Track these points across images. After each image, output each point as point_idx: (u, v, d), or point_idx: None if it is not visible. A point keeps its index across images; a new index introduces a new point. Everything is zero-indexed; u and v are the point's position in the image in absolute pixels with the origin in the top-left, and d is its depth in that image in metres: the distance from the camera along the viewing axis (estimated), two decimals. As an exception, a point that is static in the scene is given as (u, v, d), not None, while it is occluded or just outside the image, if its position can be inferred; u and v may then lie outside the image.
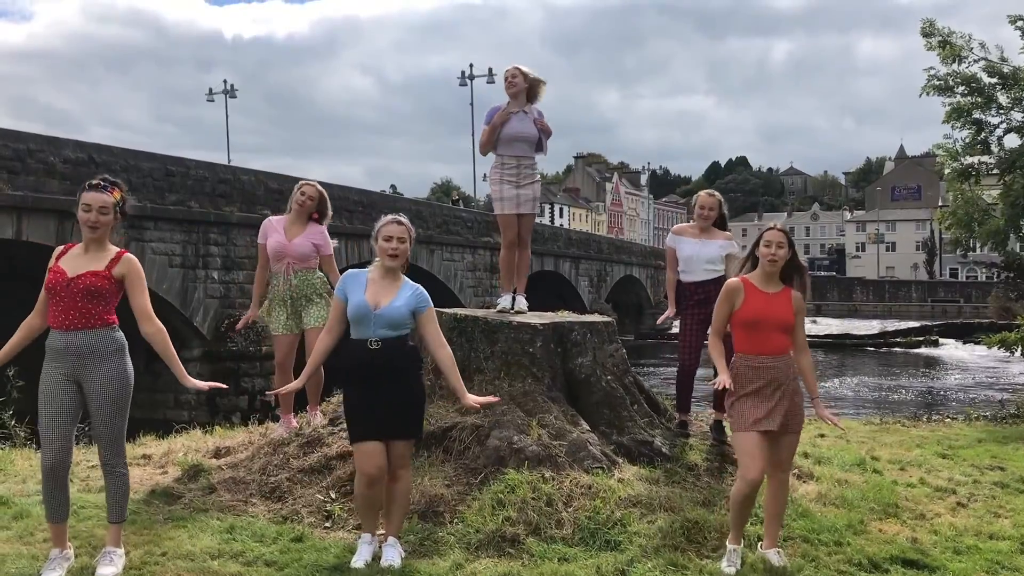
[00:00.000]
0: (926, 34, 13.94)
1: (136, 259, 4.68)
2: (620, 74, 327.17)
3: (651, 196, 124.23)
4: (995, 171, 13.67)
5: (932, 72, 13.94)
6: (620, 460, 6.09)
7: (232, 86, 50.56)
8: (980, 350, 45.21)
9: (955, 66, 13.67)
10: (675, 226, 7.07)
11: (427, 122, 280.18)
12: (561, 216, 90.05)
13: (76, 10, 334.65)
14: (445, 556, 4.92)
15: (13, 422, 8.97)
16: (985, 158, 13.81)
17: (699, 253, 6.68)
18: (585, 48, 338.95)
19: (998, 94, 13.27)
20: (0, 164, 18.68)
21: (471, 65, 45.17)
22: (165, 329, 4.63)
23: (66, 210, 19.76)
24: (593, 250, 51.71)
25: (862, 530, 5.59)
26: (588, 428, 6.23)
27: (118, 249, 4.65)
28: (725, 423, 6.95)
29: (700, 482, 6.15)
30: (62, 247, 4.67)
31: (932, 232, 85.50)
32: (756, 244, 5.08)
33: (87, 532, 5.10)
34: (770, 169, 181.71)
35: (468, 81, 44.53)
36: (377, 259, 4.91)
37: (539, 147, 7.10)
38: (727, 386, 4.88)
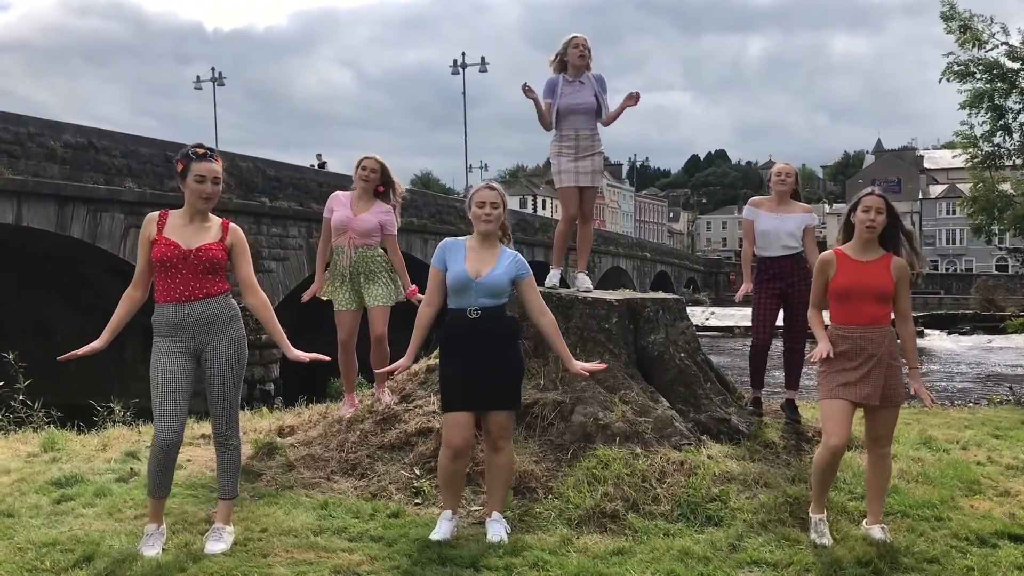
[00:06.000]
0: (946, 18, 13.84)
1: (240, 229, 4.52)
2: (598, 70, 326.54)
3: (633, 189, 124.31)
4: (1016, 159, 13.66)
5: (952, 58, 13.91)
6: (703, 437, 5.99)
7: (220, 74, 49.97)
8: (965, 340, 45.76)
9: (975, 51, 13.63)
10: (752, 198, 6.89)
11: (406, 116, 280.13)
12: (544, 208, 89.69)
13: (54, 2, 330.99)
14: (550, 532, 4.81)
15: (37, 404, 8.74)
16: (1007, 144, 13.80)
17: (778, 228, 6.53)
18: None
19: (1021, 79, 13.24)
20: (0, 148, 18.28)
21: (463, 54, 44.99)
22: (269, 302, 4.50)
23: (67, 195, 19.44)
24: (582, 241, 51.61)
25: (955, 506, 5.53)
26: (668, 405, 6.13)
27: (220, 219, 4.49)
28: (797, 402, 6.89)
29: (781, 459, 6.07)
30: (156, 215, 4.46)
31: (913, 224, 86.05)
32: (852, 209, 4.93)
33: (177, 508, 4.95)
34: (748, 163, 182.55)
35: (460, 70, 44.26)
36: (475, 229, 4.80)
37: (599, 115, 6.94)
38: (828, 355, 4.77)
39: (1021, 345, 37.09)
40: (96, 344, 4.36)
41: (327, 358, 4.62)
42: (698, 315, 48.77)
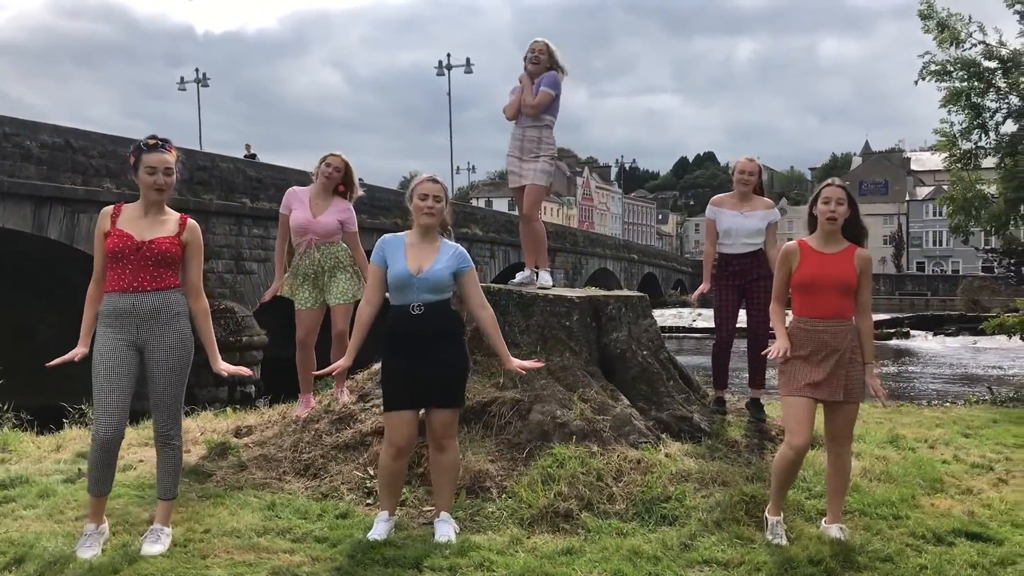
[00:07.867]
0: (924, 16, 13.84)
1: (199, 226, 4.43)
2: (588, 72, 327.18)
3: (621, 191, 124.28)
4: (993, 156, 13.65)
5: (929, 57, 13.90)
6: (663, 436, 5.92)
7: (204, 75, 49.79)
8: (950, 341, 45.94)
9: (953, 50, 13.62)
10: (714, 197, 6.81)
11: (398, 118, 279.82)
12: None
13: (43, 4, 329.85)
14: (500, 532, 4.73)
15: (7, 406, 8.59)
16: (983, 143, 13.79)
17: (741, 225, 6.47)
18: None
19: (997, 78, 13.23)
20: (-25, 148, 18.13)
21: (448, 55, 44.85)
22: (209, 311, 4.41)
23: (43, 196, 19.26)
24: (569, 243, 51.66)
25: (915, 504, 5.46)
26: (629, 403, 6.06)
27: (179, 214, 4.39)
28: (763, 401, 6.82)
29: (742, 458, 5.99)
30: (111, 208, 4.38)
31: (900, 226, 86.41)
32: (813, 202, 4.87)
33: (121, 509, 4.84)
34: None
35: (445, 71, 44.08)
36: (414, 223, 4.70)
37: (550, 112, 6.93)
38: (784, 353, 4.70)
39: (1005, 346, 37.13)
40: (81, 350, 4.32)
41: (249, 372, 4.53)
42: (685, 316, 48.73)
